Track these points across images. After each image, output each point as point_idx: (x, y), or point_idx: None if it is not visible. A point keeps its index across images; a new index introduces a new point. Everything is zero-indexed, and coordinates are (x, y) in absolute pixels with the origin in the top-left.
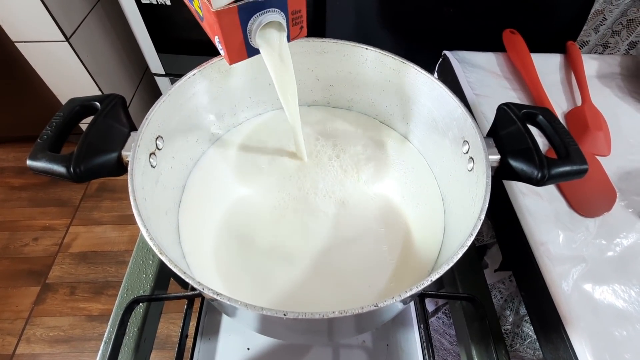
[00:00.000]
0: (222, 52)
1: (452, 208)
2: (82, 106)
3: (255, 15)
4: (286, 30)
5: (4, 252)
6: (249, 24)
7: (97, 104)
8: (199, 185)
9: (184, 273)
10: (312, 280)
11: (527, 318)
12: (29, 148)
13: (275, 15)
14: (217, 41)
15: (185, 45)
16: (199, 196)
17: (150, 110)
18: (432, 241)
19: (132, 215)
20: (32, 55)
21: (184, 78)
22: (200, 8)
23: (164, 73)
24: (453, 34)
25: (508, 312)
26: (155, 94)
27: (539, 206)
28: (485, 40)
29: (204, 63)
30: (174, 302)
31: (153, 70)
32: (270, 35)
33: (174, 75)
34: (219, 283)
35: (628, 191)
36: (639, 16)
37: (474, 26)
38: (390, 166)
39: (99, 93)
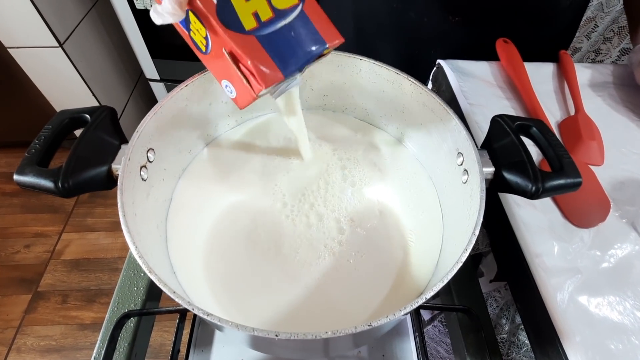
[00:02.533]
0: (230, 94)
1: (449, 219)
2: (71, 119)
3: (280, 83)
4: (299, 84)
5: None
6: (274, 87)
7: (87, 116)
8: (187, 196)
9: (174, 292)
10: (308, 294)
11: (523, 327)
12: (21, 154)
13: (297, 81)
14: (225, 85)
15: (180, 50)
16: (187, 207)
17: (141, 123)
18: (430, 253)
19: None
20: (25, 61)
21: (176, 90)
22: (204, 45)
23: (158, 78)
24: (454, 43)
25: (504, 321)
26: (150, 99)
27: (533, 217)
28: (484, 49)
29: (196, 74)
30: None
31: (148, 76)
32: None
33: (169, 80)
34: (210, 298)
35: (622, 201)
36: None
37: (475, 35)
38: (392, 173)
39: (93, 99)
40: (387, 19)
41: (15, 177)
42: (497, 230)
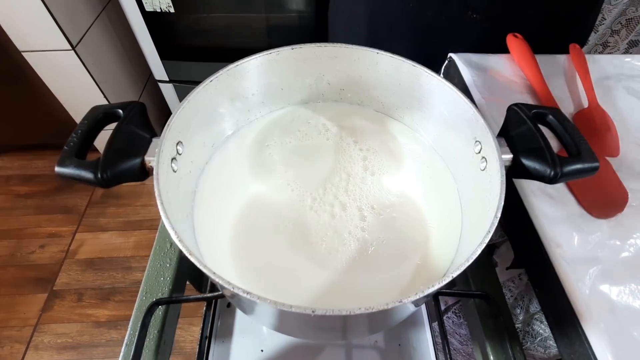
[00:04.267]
0: None
1: (468, 206)
2: (105, 113)
3: None
4: None
5: (11, 259)
6: None
7: (120, 111)
8: (211, 188)
9: (214, 273)
10: (336, 279)
11: (537, 316)
12: (34, 156)
13: None
14: None
15: (188, 52)
16: (211, 199)
17: (171, 117)
18: (450, 239)
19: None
20: (39, 64)
21: (202, 85)
22: None
23: (167, 80)
24: (469, 41)
25: (518, 311)
26: (159, 100)
27: (552, 208)
28: (500, 45)
29: (220, 70)
30: (184, 307)
31: (157, 77)
32: None
33: (178, 81)
34: (238, 284)
35: (639, 191)
36: (637, 15)
37: (492, 32)
38: (410, 162)
39: (104, 100)
40: (402, 20)
41: (57, 169)
42: (513, 219)
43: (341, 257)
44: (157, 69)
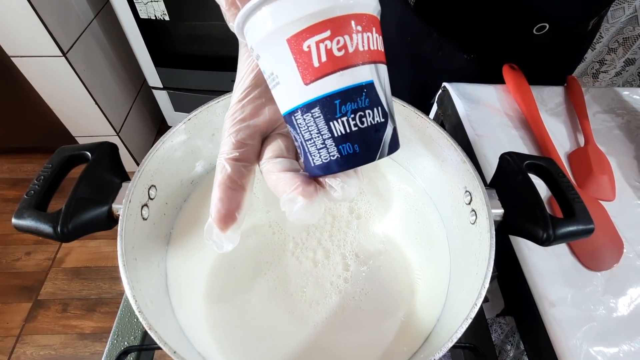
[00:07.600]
0: None
1: (456, 259)
2: (71, 156)
3: None
4: None
5: None
6: None
7: (88, 153)
8: (187, 230)
9: (174, 352)
10: (314, 336)
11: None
12: (23, 159)
13: None
14: None
15: (183, 59)
16: (188, 239)
17: (142, 162)
18: (437, 293)
19: None
20: (29, 69)
21: (179, 125)
22: None
23: (161, 87)
24: (468, 74)
25: (509, 347)
26: (153, 106)
27: (545, 261)
28: (498, 78)
29: (199, 107)
30: None
31: (151, 84)
32: None
33: (172, 89)
34: (210, 339)
35: (635, 240)
36: (634, 34)
37: (490, 68)
38: (399, 205)
39: (96, 107)
40: (401, 51)
41: (14, 221)
42: (505, 269)
43: (322, 311)
44: (151, 76)
